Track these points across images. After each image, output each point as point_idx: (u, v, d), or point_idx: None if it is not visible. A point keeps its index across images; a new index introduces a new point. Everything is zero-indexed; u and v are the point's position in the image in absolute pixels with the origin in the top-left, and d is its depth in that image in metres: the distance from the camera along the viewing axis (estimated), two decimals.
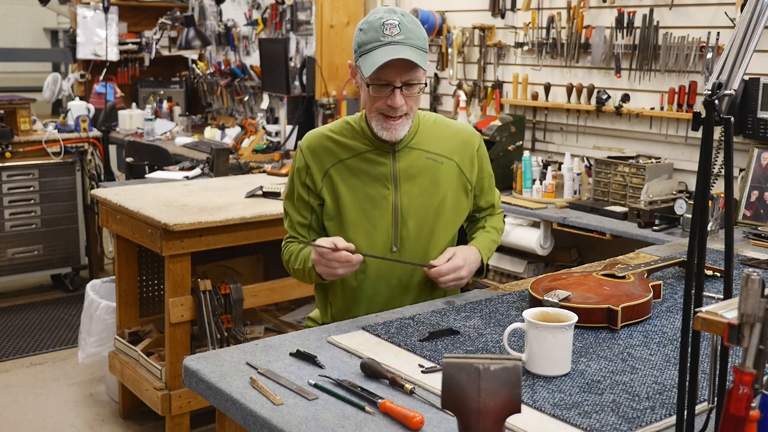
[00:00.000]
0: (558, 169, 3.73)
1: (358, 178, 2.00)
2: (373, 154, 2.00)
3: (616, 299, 1.80)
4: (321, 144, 2.03)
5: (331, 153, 2.01)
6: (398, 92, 1.88)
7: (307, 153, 2.03)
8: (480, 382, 1.10)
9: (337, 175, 2.00)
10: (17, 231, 4.83)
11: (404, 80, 1.87)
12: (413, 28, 1.88)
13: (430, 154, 2.03)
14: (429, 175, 2.03)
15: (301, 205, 2.05)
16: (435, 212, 2.04)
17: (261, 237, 3.17)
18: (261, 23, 5.77)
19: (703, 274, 1.16)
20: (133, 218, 3.15)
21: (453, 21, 4.47)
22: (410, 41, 1.85)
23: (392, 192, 2.00)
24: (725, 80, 1.16)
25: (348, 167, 2.00)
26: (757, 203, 3.03)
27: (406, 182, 2.01)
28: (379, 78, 1.86)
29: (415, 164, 2.02)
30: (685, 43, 3.41)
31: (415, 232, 2.02)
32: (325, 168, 2.01)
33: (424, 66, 1.87)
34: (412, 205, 2.01)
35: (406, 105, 1.90)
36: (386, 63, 1.82)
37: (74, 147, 4.99)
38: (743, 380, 0.95)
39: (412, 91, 1.90)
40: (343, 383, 1.47)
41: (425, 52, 1.89)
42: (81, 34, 6.05)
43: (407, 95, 1.90)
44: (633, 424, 1.31)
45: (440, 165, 2.04)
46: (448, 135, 2.08)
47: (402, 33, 1.85)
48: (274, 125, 5.30)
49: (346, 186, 2.00)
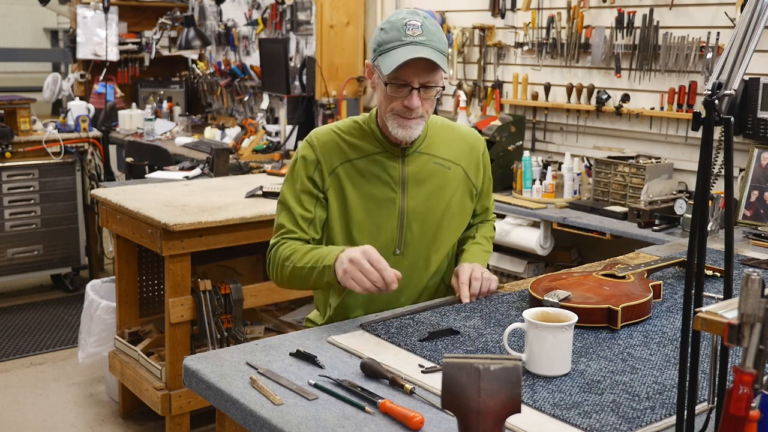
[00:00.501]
0: (558, 169, 3.73)
1: (365, 179, 1.98)
2: (383, 156, 1.99)
3: (616, 299, 1.80)
4: (331, 140, 2.01)
5: (341, 151, 1.99)
6: (416, 93, 1.87)
7: (317, 147, 2.00)
8: (480, 382, 1.10)
9: (344, 175, 1.98)
10: (17, 231, 4.83)
11: (423, 81, 1.87)
12: (435, 31, 1.87)
13: (438, 158, 2.04)
14: (436, 180, 2.03)
15: (306, 198, 1.99)
16: (440, 217, 2.04)
17: (261, 237, 3.16)
18: (261, 23, 5.77)
19: (703, 274, 1.16)
20: (133, 218, 3.15)
21: (453, 21, 4.47)
22: (431, 43, 1.85)
23: (399, 195, 2.00)
24: (725, 80, 1.16)
25: (356, 168, 1.99)
26: (757, 203, 3.03)
27: (414, 186, 2.01)
28: (398, 77, 1.85)
29: (424, 169, 2.02)
30: (685, 43, 3.41)
31: (419, 236, 2.02)
32: (333, 166, 1.98)
33: (444, 68, 1.87)
34: (418, 209, 2.01)
35: (422, 107, 1.89)
36: (406, 63, 1.82)
37: (74, 147, 4.99)
38: (743, 380, 0.95)
39: (430, 94, 1.90)
40: (343, 383, 1.47)
41: (445, 55, 1.89)
42: (81, 34, 6.05)
43: (424, 97, 1.89)
44: (633, 424, 1.31)
45: (447, 170, 2.04)
46: (455, 139, 2.09)
47: (424, 34, 1.84)
48: (274, 125, 5.30)
49: (353, 187, 1.98)
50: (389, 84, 1.87)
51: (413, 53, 1.82)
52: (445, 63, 1.87)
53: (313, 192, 1.99)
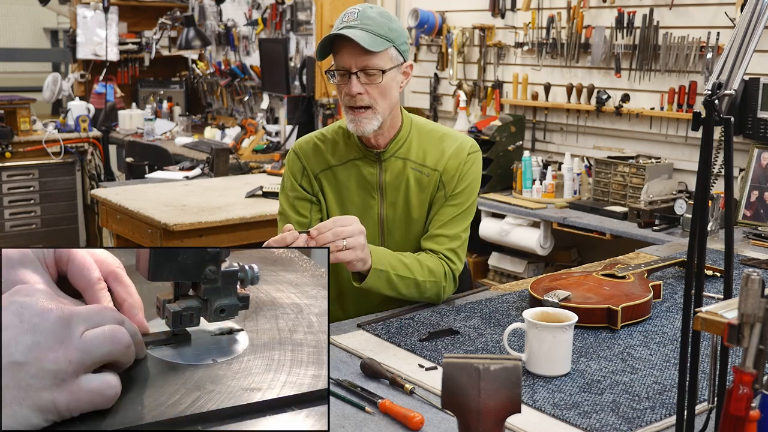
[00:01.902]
0: (558, 169, 3.73)
1: (345, 186, 1.97)
2: (361, 162, 1.95)
3: (616, 299, 1.80)
4: (314, 147, 1.99)
5: (322, 158, 1.97)
6: (354, 78, 1.80)
7: (301, 154, 1.99)
8: (480, 382, 1.10)
9: (325, 182, 1.97)
10: (17, 231, 4.83)
11: (360, 66, 1.79)
12: (375, 17, 1.80)
13: (414, 164, 1.95)
14: (413, 186, 1.95)
15: (300, 204, 1.99)
16: (420, 224, 1.97)
17: (261, 237, 3.16)
18: (261, 23, 5.77)
19: (703, 274, 1.16)
20: (133, 218, 3.15)
21: (453, 21, 4.47)
22: (366, 26, 1.78)
23: (378, 202, 1.96)
24: (725, 80, 1.16)
25: (336, 175, 1.97)
26: (757, 203, 3.03)
27: (392, 193, 1.95)
28: (337, 66, 1.82)
29: (401, 175, 1.95)
30: (685, 43, 3.41)
31: (400, 243, 1.97)
32: (315, 172, 1.98)
33: (376, 47, 1.77)
34: (396, 216, 1.96)
35: (367, 95, 1.81)
36: (336, 48, 1.79)
37: (74, 147, 4.99)
38: (743, 380, 0.95)
39: (372, 79, 1.81)
40: (343, 383, 1.47)
41: (386, 40, 1.80)
42: (81, 34, 6.05)
43: (366, 83, 1.81)
44: (633, 424, 1.31)
45: (425, 176, 1.95)
46: (438, 145, 1.97)
47: (359, 19, 1.79)
48: (274, 125, 5.30)
49: (333, 193, 1.97)
50: (333, 73, 1.83)
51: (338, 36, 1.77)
52: (380, 44, 1.78)
53: (306, 197, 1.99)
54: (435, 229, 1.94)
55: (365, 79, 1.81)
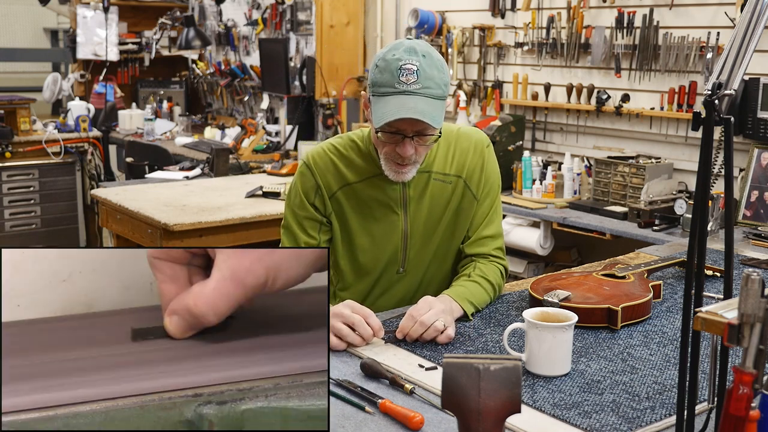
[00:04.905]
0: (558, 169, 3.73)
1: (366, 203, 1.91)
2: (381, 179, 1.89)
3: (616, 299, 1.80)
4: (329, 163, 1.91)
5: (339, 175, 1.90)
6: (408, 141, 1.74)
7: (316, 171, 1.91)
8: (480, 382, 1.10)
9: (344, 199, 1.91)
10: (17, 231, 4.83)
11: (416, 130, 1.73)
12: (433, 75, 1.71)
13: (438, 174, 1.93)
14: (437, 197, 1.93)
15: (309, 224, 1.92)
16: (442, 233, 1.96)
17: (261, 237, 3.17)
18: (261, 23, 5.77)
19: (703, 274, 1.16)
20: (133, 218, 3.15)
21: (453, 21, 4.47)
22: (428, 90, 1.70)
23: (401, 217, 1.92)
24: (725, 80, 1.16)
25: (355, 191, 1.90)
26: (757, 203, 3.03)
27: (415, 206, 1.92)
28: (391, 126, 1.72)
29: (425, 188, 1.92)
30: (685, 43, 3.41)
31: (422, 254, 1.96)
32: (333, 190, 1.91)
33: (439, 118, 1.72)
34: (420, 227, 1.94)
35: (416, 153, 1.78)
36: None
37: (74, 147, 4.99)
38: (743, 380, 0.95)
39: (425, 140, 1.77)
40: (343, 383, 1.47)
41: (443, 99, 1.74)
42: (81, 34, 6.05)
43: (419, 143, 1.76)
44: (633, 424, 1.31)
45: (448, 185, 1.94)
46: (455, 150, 1.95)
47: (419, 81, 1.69)
48: (274, 125, 5.30)
49: (354, 211, 1.91)
50: (380, 132, 1.74)
51: (404, 109, 1.68)
52: (441, 110, 1.73)
53: (316, 217, 1.92)
54: (476, 233, 1.97)
55: (419, 139, 1.76)
